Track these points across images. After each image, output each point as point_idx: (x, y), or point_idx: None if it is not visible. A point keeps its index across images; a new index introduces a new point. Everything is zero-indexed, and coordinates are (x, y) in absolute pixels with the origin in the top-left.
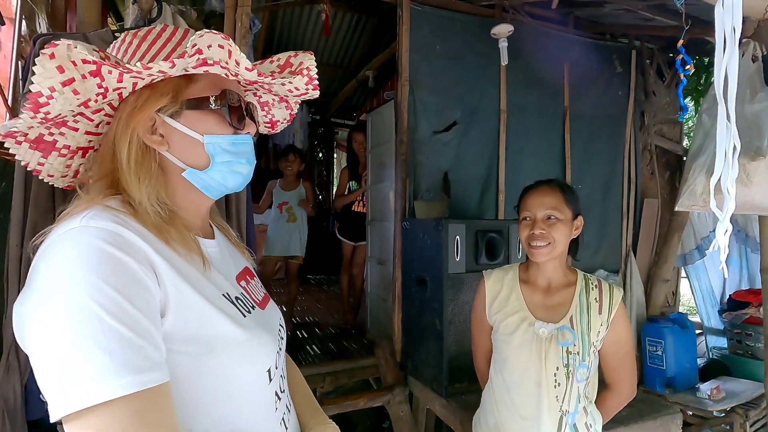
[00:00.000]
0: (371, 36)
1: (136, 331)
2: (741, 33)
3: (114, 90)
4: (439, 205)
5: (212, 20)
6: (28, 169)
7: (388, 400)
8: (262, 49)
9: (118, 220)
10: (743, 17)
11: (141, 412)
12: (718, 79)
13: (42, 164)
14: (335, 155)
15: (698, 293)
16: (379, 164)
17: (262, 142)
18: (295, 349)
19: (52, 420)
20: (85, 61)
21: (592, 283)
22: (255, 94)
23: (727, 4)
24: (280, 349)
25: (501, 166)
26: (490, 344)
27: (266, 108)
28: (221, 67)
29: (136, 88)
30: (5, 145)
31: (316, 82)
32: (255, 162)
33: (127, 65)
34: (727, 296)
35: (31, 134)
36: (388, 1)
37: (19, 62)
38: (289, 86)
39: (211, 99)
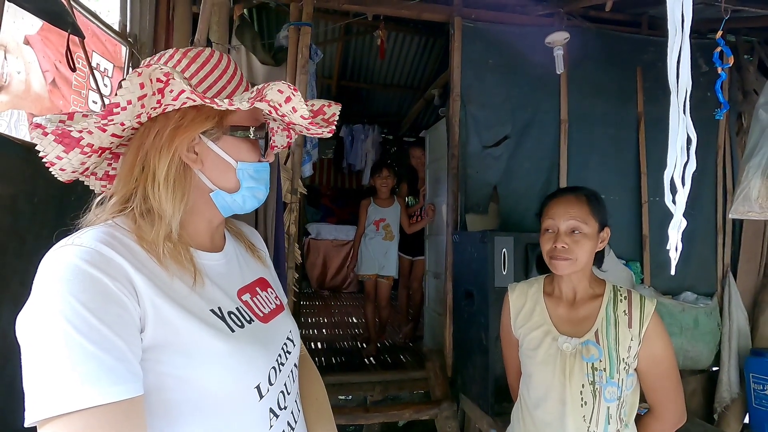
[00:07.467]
0: (440, 56)
1: (102, 346)
2: None
3: (165, 106)
4: (490, 218)
5: (279, 54)
6: (43, 160)
7: (435, 414)
8: (337, 76)
9: (106, 239)
10: None
11: (97, 426)
12: (670, 69)
13: (60, 158)
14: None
15: None
16: (435, 179)
17: (336, 162)
18: (352, 356)
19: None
20: (158, 80)
21: (621, 295)
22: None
23: None
24: (282, 364)
25: (562, 177)
26: (519, 360)
27: (271, 133)
28: (270, 105)
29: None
30: (31, 135)
31: (334, 128)
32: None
33: (215, 99)
34: None
35: (58, 128)
36: (439, 21)
37: None
38: (314, 130)
39: (252, 129)
